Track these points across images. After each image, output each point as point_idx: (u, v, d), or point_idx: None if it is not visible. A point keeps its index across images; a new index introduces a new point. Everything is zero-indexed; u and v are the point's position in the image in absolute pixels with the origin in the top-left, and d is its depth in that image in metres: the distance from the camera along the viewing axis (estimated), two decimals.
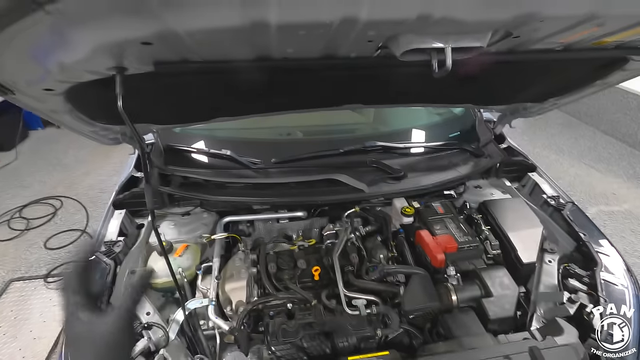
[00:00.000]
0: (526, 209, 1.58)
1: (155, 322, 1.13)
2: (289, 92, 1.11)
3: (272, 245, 1.75)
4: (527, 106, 1.56)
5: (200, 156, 1.66)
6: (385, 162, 1.65)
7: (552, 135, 5.18)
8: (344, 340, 1.22)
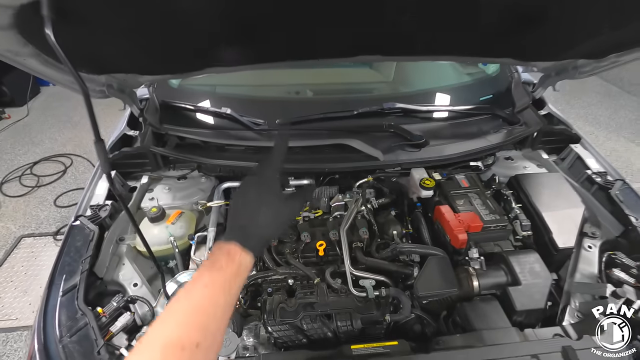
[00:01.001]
0: (565, 185, 1.38)
1: (140, 296, 1.03)
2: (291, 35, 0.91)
3: None
4: (578, 64, 1.30)
5: (199, 115, 1.50)
6: (405, 127, 1.45)
7: (589, 105, 4.75)
8: (348, 324, 1.10)
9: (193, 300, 0.57)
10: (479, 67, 1.82)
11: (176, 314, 0.56)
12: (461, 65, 1.81)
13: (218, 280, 0.60)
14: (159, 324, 0.55)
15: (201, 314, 0.56)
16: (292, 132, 1.43)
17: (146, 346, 0.53)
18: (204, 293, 0.58)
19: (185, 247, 1.26)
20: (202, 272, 0.61)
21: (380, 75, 1.75)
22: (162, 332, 0.54)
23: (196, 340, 0.53)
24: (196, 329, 0.54)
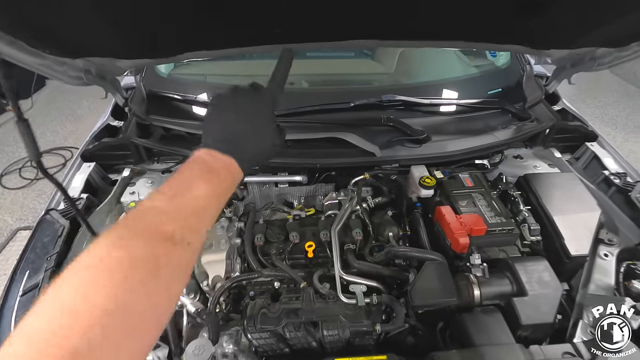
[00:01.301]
0: (579, 187, 1.26)
1: None
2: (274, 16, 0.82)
3: (270, 212, 1.54)
4: (597, 54, 1.18)
5: (187, 105, 1.41)
6: (405, 121, 1.34)
7: (605, 105, 4.56)
8: (335, 333, 1.00)
9: (190, 202, 0.55)
10: (488, 59, 1.71)
11: (174, 210, 0.53)
12: (468, 57, 1.69)
13: (215, 190, 0.59)
14: (156, 211, 0.52)
15: (196, 217, 0.55)
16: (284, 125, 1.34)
17: (137, 229, 0.49)
18: (199, 199, 0.56)
19: None
20: (197, 175, 0.58)
21: (381, 66, 1.65)
22: (156, 220, 0.50)
23: (188, 240, 0.51)
24: (190, 229, 0.53)
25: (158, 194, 0.54)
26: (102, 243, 0.45)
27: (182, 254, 0.50)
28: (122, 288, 0.42)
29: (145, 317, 0.44)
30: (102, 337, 0.38)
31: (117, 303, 0.40)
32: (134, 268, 0.44)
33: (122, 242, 0.45)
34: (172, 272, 0.48)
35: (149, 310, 0.45)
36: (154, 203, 0.53)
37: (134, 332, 0.43)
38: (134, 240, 0.46)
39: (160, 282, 0.46)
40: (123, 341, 0.41)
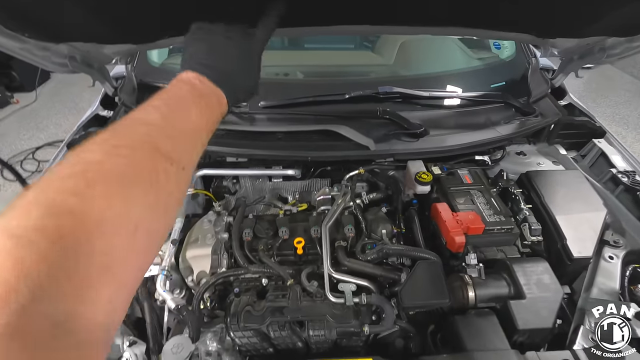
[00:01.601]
0: (585, 185, 1.19)
1: None
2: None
3: (264, 207, 1.50)
4: (607, 44, 1.12)
5: None
6: (403, 114, 1.29)
7: (617, 104, 4.44)
8: (321, 334, 0.96)
9: (184, 124, 0.51)
10: (492, 51, 1.64)
11: (170, 129, 0.49)
12: (472, 49, 1.63)
13: (207, 119, 0.56)
14: (151, 126, 0.47)
15: (190, 141, 0.51)
16: (276, 116, 1.30)
17: (134, 140, 0.44)
18: (193, 123, 0.53)
19: None
20: (188, 98, 0.55)
21: (380, 58, 1.59)
22: (152, 135, 0.46)
23: (183, 163, 0.48)
24: (185, 152, 0.49)
25: (151, 108, 0.49)
26: (95, 149, 0.41)
27: (178, 175, 0.47)
28: (123, 196, 0.38)
29: (146, 232, 0.41)
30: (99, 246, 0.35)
31: (119, 213, 0.37)
32: (136, 178, 0.40)
33: (119, 150, 0.41)
34: (170, 191, 0.45)
35: (149, 227, 0.41)
36: (148, 117, 0.48)
37: (132, 247, 0.39)
38: (133, 151, 0.42)
39: (160, 199, 0.43)
40: (121, 253, 0.37)
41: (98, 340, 0.35)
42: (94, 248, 0.34)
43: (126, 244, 0.38)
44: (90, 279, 0.33)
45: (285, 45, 1.73)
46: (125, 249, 0.38)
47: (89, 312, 0.33)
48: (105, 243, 0.35)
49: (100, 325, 0.34)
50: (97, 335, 0.34)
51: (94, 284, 0.34)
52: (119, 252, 0.37)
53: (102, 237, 0.35)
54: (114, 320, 0.38)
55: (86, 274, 0.33)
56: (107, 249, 0.35)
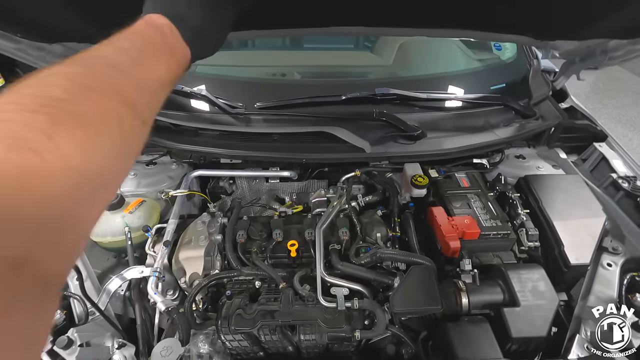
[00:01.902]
0: (584, 190, 1.17)
1: (73, 293, 0.91)
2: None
3: (261, 209, 1.49)
4: (608, 46, 1.09)
5: (173, 95, 1.36)
6: (400, 117, 1.27)
7: (624, 106, 4.38)
8: (312, 338, 0.95)
9: (151, 78, 0.47)
10: (492, 52, 1.62)
11: (137, 79, 0.45)
12: (472, 50, 1.60)
13: (171, 79, 0.52)
14: (119, 72, 0.43)
15: (153, 98, 0.47)
16: (272, 118, 1.29)
17: (100, 82, 0.40)
18: (160, 80, 0.49)
19: (143, 239, 1.14)
20: (159, 51, 0.50)
21: (379, 58, 1.57)
22: (118, 82, 0.42)
23: (145, 117, 0.44)
24: (148, 108, 0.45)
25: (120, 51, 0.45)
26: (61, 84, 0.37)
27: (140, 129, 0.44)
28: (90, 143, 0.36)
29: (108, 184, 0.40)
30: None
31: (85, 160, 0.35)
32: (105, 127, 0.38)
33: (89, 94, 0.38)
34: (132, 144, 0.43)
35: (110, 179, 0.40)
36: (118, 59, 0.44)
37: (94, 196, 0.37)
38: (103, 98, 0.39)
39: (123, 152, 0.41)
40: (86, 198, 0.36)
41: (53, 283, 0.34)
42: (56, 193, 0.32)
43: (89, 193, 0.36)
44: (54, 227, 0.32)
45: (284, 45, 1.72)
46: (88, 198, 0.36)
47: (45, 257, 0.32)
48: (69, 191, 0.33)
49: (55, 270, 0.34)
50: (52, 279, 0.33)
51: (52, 228, 0.32)
52: (82, 201, 0.35)
53: (65, 182, 0.33)
54: (69, 265, 0.37)
55: (45, 218, 0.31)
56: (71, 197, 0.33)
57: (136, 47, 0.47)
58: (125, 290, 1.10)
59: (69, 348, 0.81)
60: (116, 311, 1.06)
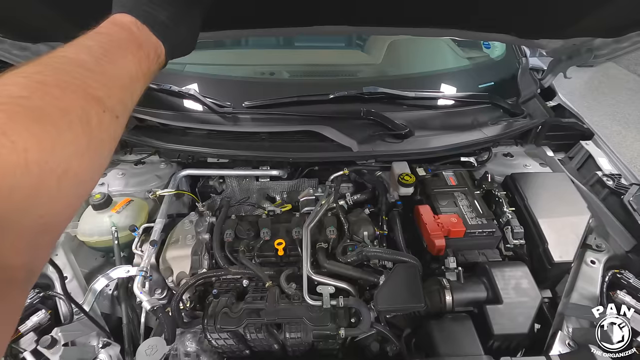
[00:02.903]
0: (570, 188, 1.18)
1: (58, 292, 0.92)
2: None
3: (251, 208, 1.49)
4: (594, 45, 1.10)
5: (162, 95, 1.36)
6: (387, 115, 1.27)
7: (618, 103, 4.39)
8: (297, 336, 0.96)
9: (120, 73, 0.48)
10: (483, 50, 1.62)
11: (103, 75, 0.45)
12: (462, 49, 1.61)
13: (144, 73, 0.52)
14: (82, 68, 0.43)
15: (126, 93, 0.48)
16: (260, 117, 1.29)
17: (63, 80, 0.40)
18: (130, 76, 0.49)
19: (131, 239, 1.14)
20: (125, 46, 0.51)
21: (369, 57, 1.58)
22: (83, 78, 0.42)
23: (117, 112, 0.45)
24: (119, 102, 0.46)
25: (83, 48, 0.45)
26: (19, 82, 0.37)
27: (111, 123, 0.44)
28: (51, 137, 0.36)
29: (75, 178, 0.39)
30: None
31: (46, 154, 0.35)
32: (66, 120, 0.38)
33: (48, 89, 0.38)
34: (102, 138, 0.43)
35: (78, 172, 0.39)
36: (79, 57, 0.44)
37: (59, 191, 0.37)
38: (63, 92, 0.39)
39: (91, 145, 0.40)
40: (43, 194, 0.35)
41: (18, 279, 0.34)
42: (11, 186, 0.31)
43: (52, 187, 0.36)
44: (11, 220, 0.32)
45: (275, 43, 1.72)
46: (51, 192, 0.36)
47: (8, 253, 0.32)
48: (28, 184, 0.33)
49: (21, 266, 0.34)
50: (18, 275, 0.34)
51: (14, 225, 0.32)
52: (44, 195, 0.35)
53: (25, 177, 0.33)
54: (37, 262, 0.37)
55: (6, 214, 0.31)
56: (30, 191, 0.33)
57: (99, 44, 0.47)
58: (113, 290, 1.11)
59: (52, 347, 0.81)
60: (104, 310, 1.06)
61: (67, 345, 0.87)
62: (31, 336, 0.85)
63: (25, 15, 0.87)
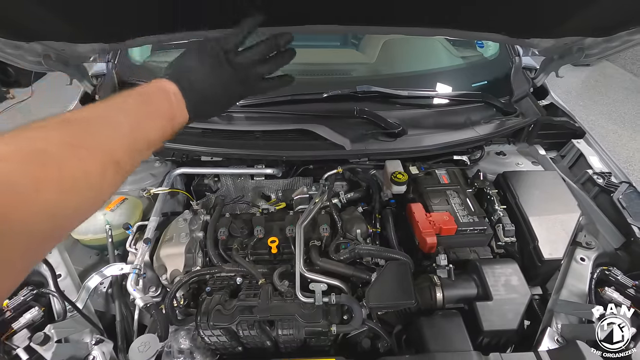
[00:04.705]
0: (561, 186, 1.19)
1: (51, 290, 0.92)
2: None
3: (246, 206, 1.50)
4: (585, 44, 1.11)
5: None
6: (381, 114, 1.28)
7: (614, 102, 4.40)
8: (290, 333, 0.97)
9: (143, 140, 0.54)
10: (476, 49, 1.63)
11: (130, 141, 0.52)
12: (456, 48, 1.62)
13: (161, 139, 0.57)
14: (117, 134, 0.50)
15: (139, 155, 0.54)
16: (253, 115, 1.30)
17: (94, 142, 0.47)
18: (149, 141, 0.55)
19: (125, 237, 1.15)
20: (160, 115, 0.57)
21: (363, 56, 1.58)
22: (113, 144, 0.49)
23: (127, 168, 0.51)
24: (132, 162, 0.52)
25: (123, 115, 0.52)
26: (53, 139, 0.42)
27: (118, 179, 0.50)
28: (70, 196, 0.41)
29: (70, 227, 0.45)
30: None
31: (58, 207, 0.40)
32: (85, 183, 0.44)
33: (77, 152, 0.43)
34: (109, 190, 0.49)
35: (75, 222, 0.45)
36: (119, 117, 0.51)
37: (52, 236, 0.43)
38: (91, 155, 0.45)
39: (98, 199, 0.48)
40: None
41: None
42: (15, 227, 0.35)
43: (52, 229, 0.41)
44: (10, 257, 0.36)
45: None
46: (46, 237, 0.41)
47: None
48: (41, 225, 0.38)
49: None
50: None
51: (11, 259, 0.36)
52: (43, 234, 0.40)
53: (40, 218, 0.38)
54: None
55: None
56: (39, 231, 0.38)
57: (144, 109, 0.54)
58: (107, 287, 1.11)
59: (45, 344, 0.82)
60: (98, 308, 1.07)
61: (60, 342, 0.87)
62: (24, 333, 0.85)
63: (18, 14, 0.87)
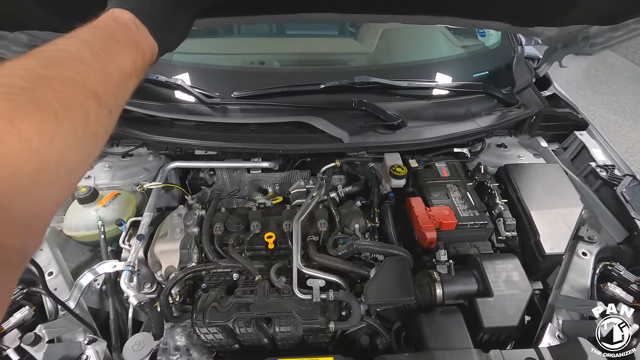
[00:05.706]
0: (563, 179, 1.17)
1: (40, 290, 0.90)
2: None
3: (243, 200, 1.48)
4: (589, 33, 1.07)
5: (149, 85, 1.32)
6: (380, 106, 1.25)
7: (615, 92, 4.36)
8: (287, 330, 0.95)
9: (116, 70, 0.49)
10: (478, 38, 1.59)
11: (100, 71, 0.46)
12: (457, 37, 1.57)
13: (137, 71, 0.53)
14: (82, 63, 0.44)
15: (120, 90, 0.50)
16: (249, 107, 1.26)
17: (63, 75, 0.42)
18: (125, 72, 0.50)
19: (118, 233, 1.12)
20: (124, 44, 0.52)
21: (361, 45, 1.54)
22: (81, 73, 0.43)
23: (110, 107, 0.47)
24: (113, 98, 0.48)
25: (83, 43, 0.47)
26: (22, 75, 0.38)
27: (106, 118, 0.46)
28: (52, 128, 0.37)
29: (69, 169, 0.41)
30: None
31: (46, 144, 0.36)
32: (67, 113, 0.39)
33: (50, 83, 0.40)
34: (96, 132, 0.45)
35: (72, 163, 0.41)
36: (79, 53, 0.45)
37: (55, 180, 0.39)
38: (65, 86, 0.41)
39: (86, 138, 0.43)
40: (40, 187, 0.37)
41: (11, 261, 0.36)
42: (18, 174, 0.33)
43: (50, 175, 0.38)
44: (10, 203, 0.34)
45: (266, 32, 1.68)
46: (48, 180, 0.38)
47: (5, 233, 0.34)
48: (29, 171, 0.35)
49: (15, 248, 0.35)
50: (11, 256, 0.35)
51: (13, 209, 0.34)
52: (42, 182, 0.37)
53: (27, 164, 0.35)
54: (30, 246, 0.39)
55: (6, 199, 0.33)
56: (30, 177, 0.35)
57: (98, 40, 0.48)
58: (102, 284, 1.09)
59: (36, 344, 0.80)
60: (92, 305, 1.05)
61: (52, 342, 0.85)
62: (15, 333, 0.83)
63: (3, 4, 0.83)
